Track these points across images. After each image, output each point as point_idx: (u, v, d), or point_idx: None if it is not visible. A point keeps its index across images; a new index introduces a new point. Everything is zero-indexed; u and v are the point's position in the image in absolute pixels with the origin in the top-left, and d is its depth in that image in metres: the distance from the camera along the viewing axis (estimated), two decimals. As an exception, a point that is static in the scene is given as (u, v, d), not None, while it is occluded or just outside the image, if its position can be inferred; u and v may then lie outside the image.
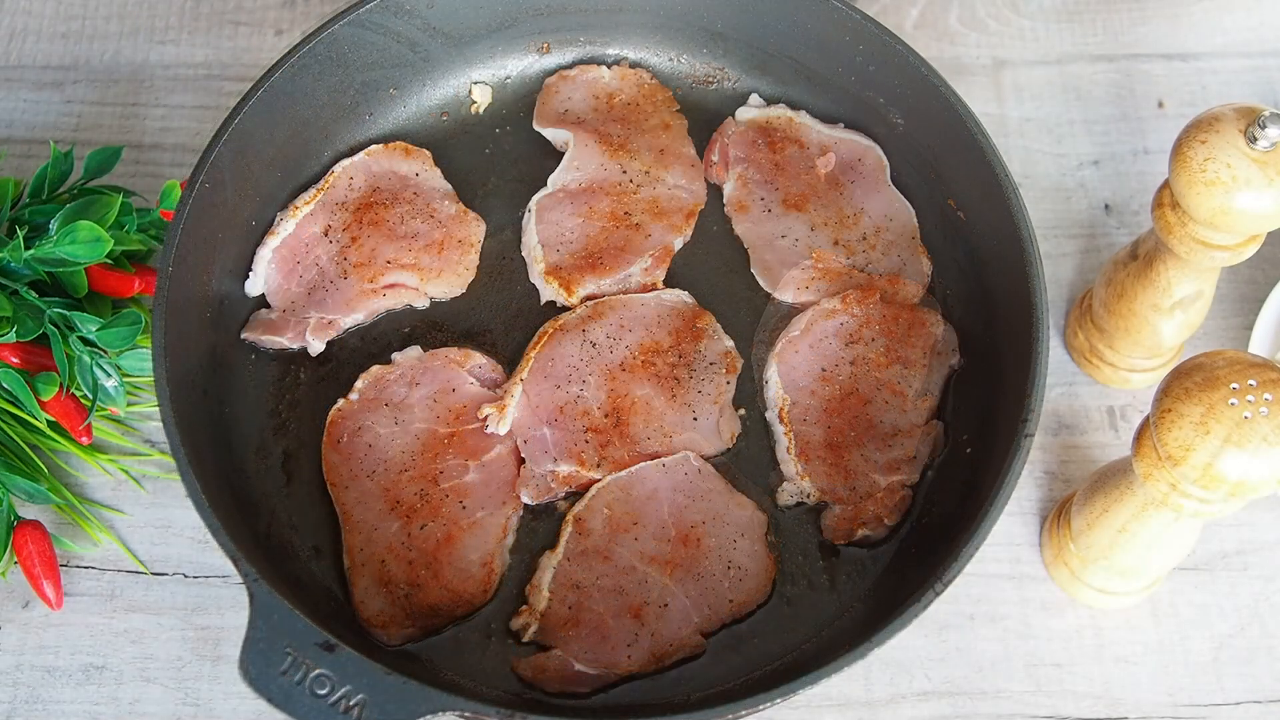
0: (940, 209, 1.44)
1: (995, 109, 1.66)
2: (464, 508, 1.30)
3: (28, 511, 1.40)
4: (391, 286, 1.41)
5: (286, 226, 1.41)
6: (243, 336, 1.38)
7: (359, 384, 1.35)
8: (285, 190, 1.44)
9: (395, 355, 1.38)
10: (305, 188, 1.45)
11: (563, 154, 1.48)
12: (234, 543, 1.12)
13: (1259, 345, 1.43)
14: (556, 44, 1.55)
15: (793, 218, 1.45)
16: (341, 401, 1.35)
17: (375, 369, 1.36)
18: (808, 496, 1.32)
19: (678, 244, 1.45)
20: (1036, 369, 1.21)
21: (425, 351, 1.38)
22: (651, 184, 1.47)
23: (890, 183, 1.46)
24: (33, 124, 1.64)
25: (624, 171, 1.47)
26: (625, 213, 1.45)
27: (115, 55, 1.69)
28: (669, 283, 1.43)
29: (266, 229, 1.42)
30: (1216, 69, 1.69)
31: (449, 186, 1.48)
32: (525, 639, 1.26)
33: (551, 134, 1.51)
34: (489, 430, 1.33)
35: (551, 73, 1.54)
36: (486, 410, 1.33)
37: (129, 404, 1.42)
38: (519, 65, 1.55)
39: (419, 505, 1.30)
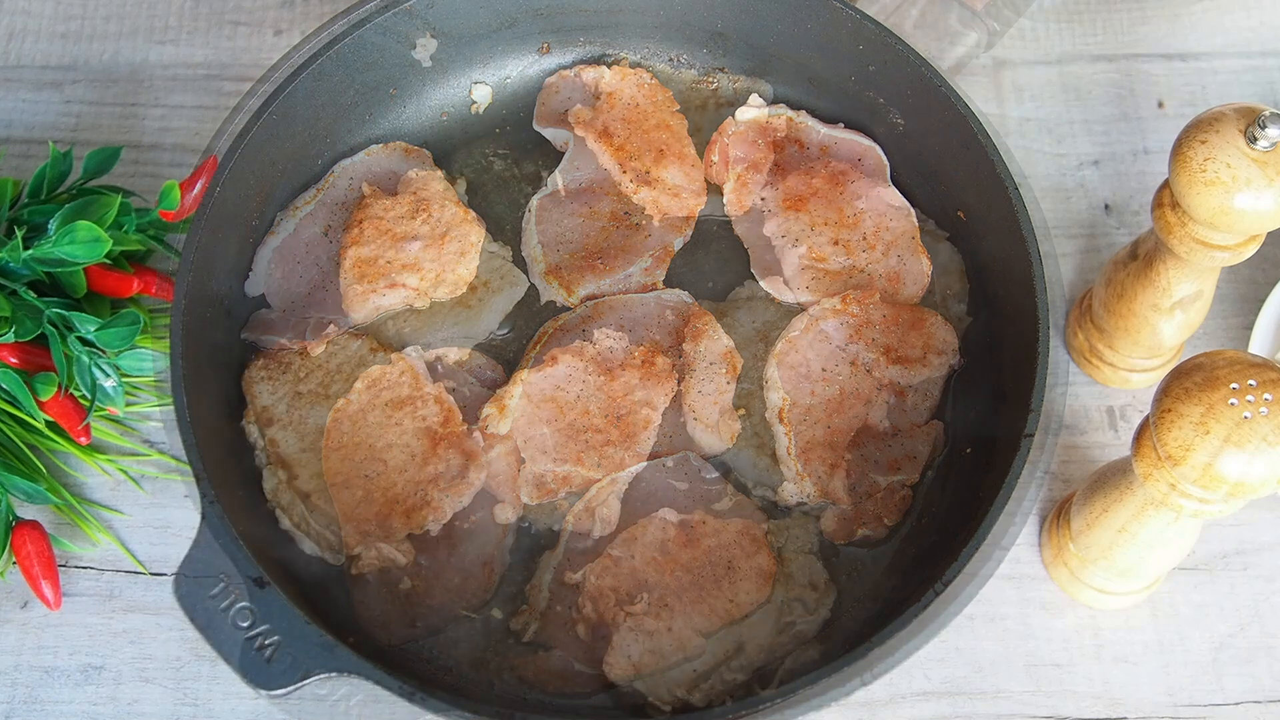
0: (940, 209, 1.44)
1: (995, 109, 1.66)
2: (464, 508, 1.30)
3: (26, 512, 1.40)
4: (391, 286, 1.41)
5: (286, 226, 1.41)
6: (243, 336, 1.38)
7: (359, 384, 1.35)
8: (285, 190, 1.44)
9: (395, 355, 1.38)
10: (305, 188, 1.45)
11: (563, 154, 1.48)
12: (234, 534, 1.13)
13: (1259, 345, 1.43)
14: (556, 44, 1.54)
15: (793, 218, 1.45)
16: (341, 401, 1.35)
17: (375, 369, 1.36)
18: (808, 496, 1.31)
19: (678, 244, 1.45)
20: (1038, 369, 1.21)
21: (425, 351, 1.38)
22: (651, 184, 1.47)
23: (890, 183, 1.46)
24: (32, 124, 1.64)
25: (624, 171, 1.47)
26: (625, 213, 1.45)
27: (114, 55, 1.69)
28: (669, 283, 1.43)
29: (266, 229, 1.42)
30: (1216, 69, 1.69)
31: (449, 186, 1.47)
32: (525, 639, 1.25)
33: (551, 134, 1.50)
34: (489, 430, 1.32)
35: (551, 73, 1.54)
36: (486, 410, 1.33)
37: (127, 404, 1.42)
38: (519, 65, 1.54)
39: (419, 505, 1.29)
